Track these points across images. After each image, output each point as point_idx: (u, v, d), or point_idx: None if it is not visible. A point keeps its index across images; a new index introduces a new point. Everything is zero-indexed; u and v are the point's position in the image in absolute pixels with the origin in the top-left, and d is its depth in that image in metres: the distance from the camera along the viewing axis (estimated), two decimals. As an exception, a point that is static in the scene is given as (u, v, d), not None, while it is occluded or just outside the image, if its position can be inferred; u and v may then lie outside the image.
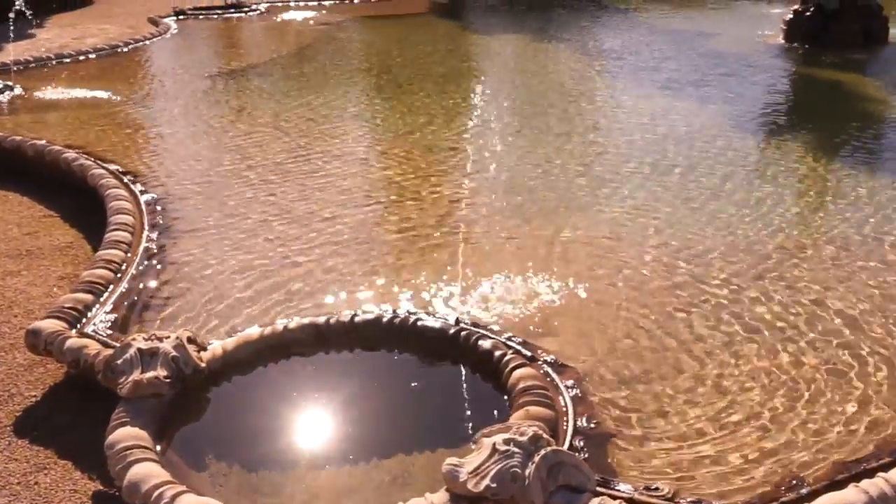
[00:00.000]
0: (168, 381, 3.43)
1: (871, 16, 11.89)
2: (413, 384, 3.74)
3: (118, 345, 3.63)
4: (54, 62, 10.80)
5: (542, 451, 2.81)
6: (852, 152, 7.19)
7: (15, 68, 10.22)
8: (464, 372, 3.77)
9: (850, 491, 2.84)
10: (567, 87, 10.01)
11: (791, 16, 12.17)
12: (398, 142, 7.65)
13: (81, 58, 11.39)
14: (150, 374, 3.41)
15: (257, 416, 3.55)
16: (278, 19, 15.80)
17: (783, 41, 12.13)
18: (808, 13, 11.86)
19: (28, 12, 12.28)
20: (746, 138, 7.57)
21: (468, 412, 3.52)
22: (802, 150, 7.26)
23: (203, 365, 3.62)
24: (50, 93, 9.29)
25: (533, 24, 15.70)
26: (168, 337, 3.62)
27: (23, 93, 9.23)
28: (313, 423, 3.56)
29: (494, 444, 2.83)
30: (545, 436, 2.91)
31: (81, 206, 6.04)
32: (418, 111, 8.69)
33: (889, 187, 6.22)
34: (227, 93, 9.69)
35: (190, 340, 3.66)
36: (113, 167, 6.41)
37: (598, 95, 9.70)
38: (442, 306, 4.37)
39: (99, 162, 6.48)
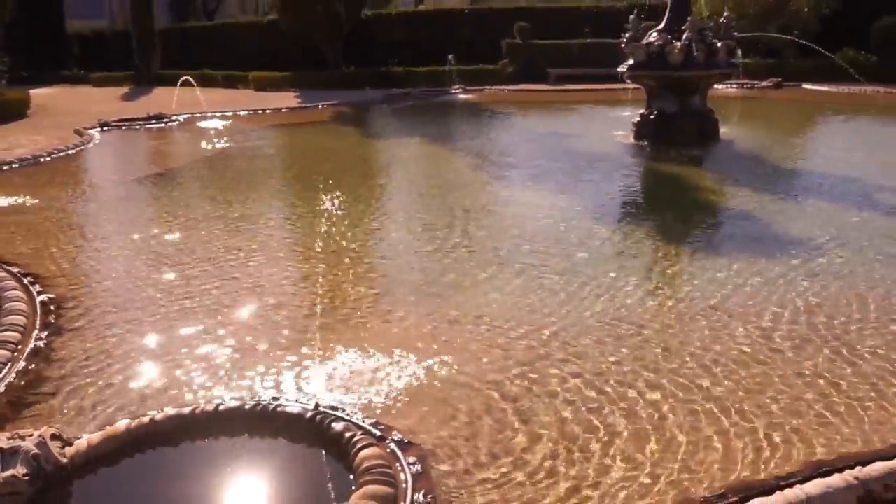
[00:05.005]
0: (27, 478, 3.18)
1: (703, 118, 12.50)
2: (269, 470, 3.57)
3: (-16, 445, 3.36)
4: (-23, 172, 10.41)
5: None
6: (691, 236, 7.29)
7: (-62, 179, 9.82)
8: (321, 454, 3.62)
9: None
10: (449, 184, 10.13)
11: (638, 118, 12.68)
12: (307, 240, 7.54)
13: (5, 167, 11.04)
14: (8, 472, 3.15)
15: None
16: (196, 128, 15.67)
17: (633, 140, 12.60)
18: (651, 115, 12.38)
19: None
20: (601, 226, 7.61)
21: (318, 495, 3.36)
22: (649, 235, 7.33)
23: (65, 461, 3.38)
24: (-31, 201, 8.91)
25: (426, 129, 15.98)
26: (31, 434, 3.37)
27: (-58, 201, 8.83)
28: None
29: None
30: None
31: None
32: (321, 209, 8.64)
33: (726, 267, 6.21)
34: (138, 199, 9.45)
35: (54, 437, 3.42)
36: (15, 269, 6.10)
37: (475, 190, 9.74)
38: (315, 390, 4.20)
39: (2, 265, 6.16)
